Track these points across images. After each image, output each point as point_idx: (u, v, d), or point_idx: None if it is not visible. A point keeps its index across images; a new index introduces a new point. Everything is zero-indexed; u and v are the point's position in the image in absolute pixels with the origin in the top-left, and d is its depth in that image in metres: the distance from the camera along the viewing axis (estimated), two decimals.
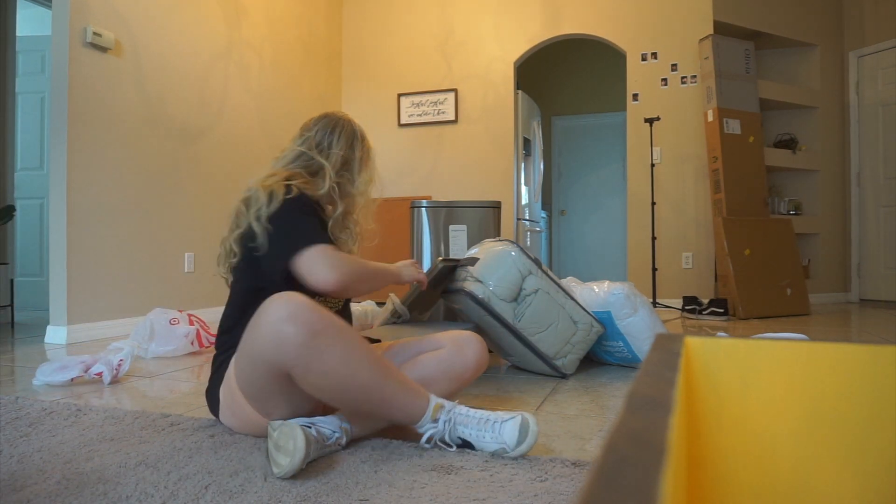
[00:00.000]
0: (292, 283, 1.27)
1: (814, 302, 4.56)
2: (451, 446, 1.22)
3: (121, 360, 1.95)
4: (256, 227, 1.28)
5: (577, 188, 6.81)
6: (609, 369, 2.15)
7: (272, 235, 1.28)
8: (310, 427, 1.15)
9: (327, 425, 1.20)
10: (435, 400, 1.21)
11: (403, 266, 1.52)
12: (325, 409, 1.30)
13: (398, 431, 1.36)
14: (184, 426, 1.40)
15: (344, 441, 1.23)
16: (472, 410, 1.23)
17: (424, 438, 1.20)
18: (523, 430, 1.17)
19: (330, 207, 1.46)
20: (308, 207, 1.34)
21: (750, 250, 3.98)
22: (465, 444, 1.22)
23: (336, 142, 1.47)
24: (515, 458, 1.18)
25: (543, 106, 6.67)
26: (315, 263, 1.24)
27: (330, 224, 1.44)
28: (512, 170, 4.78)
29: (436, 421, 1.20)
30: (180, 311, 2.58)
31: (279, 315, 1.08)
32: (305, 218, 1.31)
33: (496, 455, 1.19)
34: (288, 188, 1.31)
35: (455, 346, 1.38)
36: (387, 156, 5.02)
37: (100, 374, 1.90)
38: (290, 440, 1.06)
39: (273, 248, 1.28)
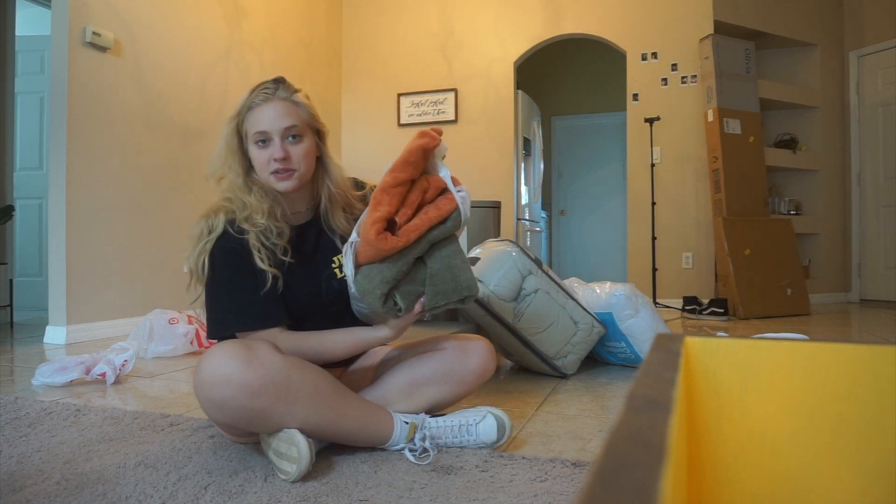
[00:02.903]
0: None
1: (814, 302, 4.56)
2: (430, 455, 1.20)
3: (125, 360, 1.95)
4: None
5: (577, 188, 6.81)
6: (610, 369, 2.15)
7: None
8: None
9: None
10: (402, 420, 1.19)
11: (378, 328, 1.22)
12: None
13: None
14: (183, 426, 1.40)
15: None
16: (442, 419, 1.23)
17: (408, 453, 1.18)
18: (500, 427, 1.23)
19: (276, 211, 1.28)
20: (224, 272, 1.19)
21: (750, 250, 3.98)
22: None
23: (219, 147, 1.26)
24: (513, 448, 1.19)
25: (543, 106, 6.67)
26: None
27: (323, 223, 1.33)
28: (512, 170, 4.78)
29: (412, 441, 1.19)
30: (180, 312, 2.58)
31: (213, 377, 1.02)
32: (217, 301, 1.19)
33: (495, 450, 1.23)
34: (212, 250, 1.19)
35: (458, 350, 1.30)
36: (387, 156, 5.00)
37: (103, 374, 1.90)
38: (292, 447, 1.06)
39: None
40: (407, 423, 1.20)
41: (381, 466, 1.13)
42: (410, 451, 1.18)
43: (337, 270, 1.30)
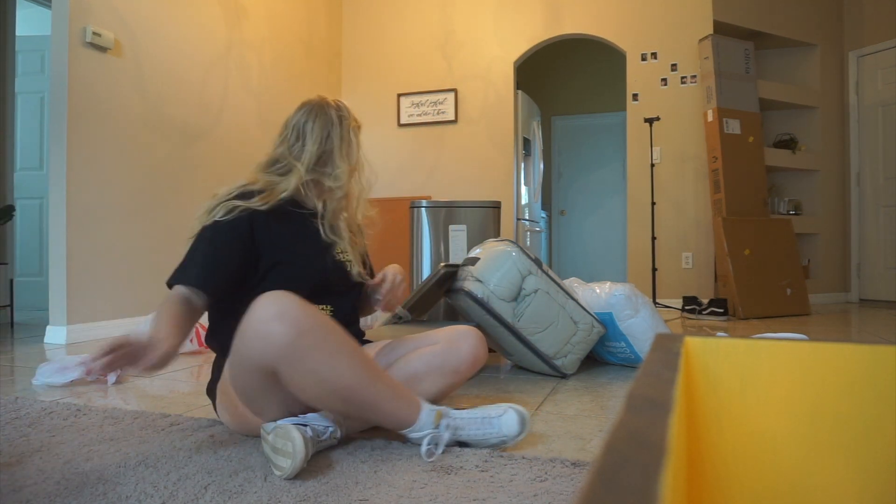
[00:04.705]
0: (275, 285, 1.24)
1: (814, 302, 4.56)
2: (440, 448, 1.20)
3: None
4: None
5: (577, 188, 6.81)
6: (610, 369, 2.15)
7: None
8: (304, 426, 1.15)
9: (320, 421, 1.20)
10: (429, 406, 1.20)
11: (149, 338, 1.09)
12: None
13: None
14: (183, 426, 1.40)
15: (339, 434, 1.23)
16: (466, 412, 1.24)
17: (425, 444, 1.17)
18: (521, 421, 1.21)
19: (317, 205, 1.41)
20: (218, 238, 1.27)
21: (750, 250, 3.98)
22: (460, 444, 1.23)
23: (310, 135, 1.38)
24: (513, 448, 1.20)
25: (543, 106, 6.67)
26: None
27: (324, 229, 1.40)
28: (512, 170, 4.78)
29: (437, 428, 1.19)
30: None
31: (267, 313, 1.07)
32: (195, 251, 1.27)
33: (495, 450, 1.21)
34: (229, 210, 1.28)
35: (450, 341, 1.35)
36: (387, 156, 5.02)
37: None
38: (288, 442, 1.06)
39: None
40: (434, 409, 1.20)
41: (380, 466, 1.13)
42: (427, 443, 1.17)
43: (341, 255, 1.41)
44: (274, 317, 1.06)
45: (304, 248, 1.36)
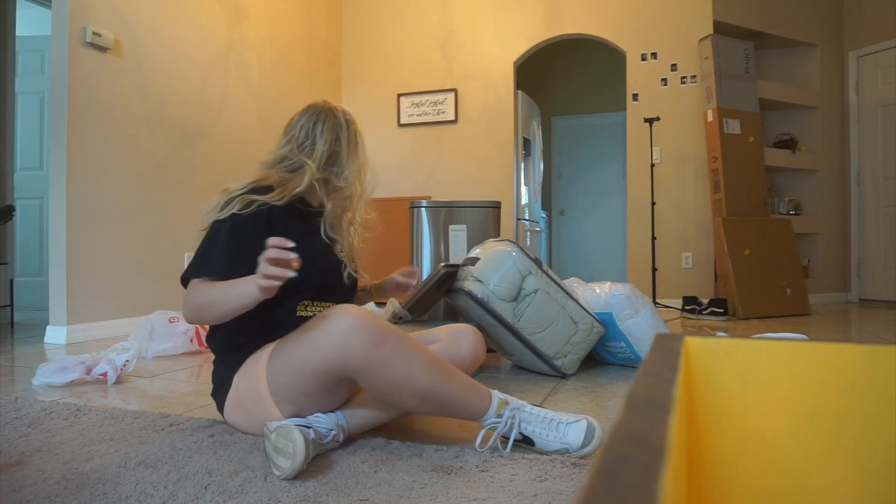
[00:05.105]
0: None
1: (814, 302, 4.56)
2: (505, 446, 1.21)
3: (126, 360, 1.95)
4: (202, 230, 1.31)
5: (577, 188, 6.81)
6: (610, 369, 2.15)
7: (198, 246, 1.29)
8: (308, 428, 1.15)
9: (324, 424, 1.20)
10: (499, 396, 1.23)
11: (249, 282, 1.13)
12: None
13: (398, 432, 1.36)
14: (184, 426, 1.40)
15: (341, 438, 1.23)
16: (537, 409, 1.24)
17: (481, 435, 1.21)
18: (589, 433, 1.19)
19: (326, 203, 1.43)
20: (239, 231, 1.26)
21: (750, 250, 3.98)
22: (525, 441, 1.22)
23: (320, 136, 1.41)
24: (579, 458, 1.18)
25: (543, 106, 6.67)
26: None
27: (324, 226, 1.42)
28: (512, 170, 4.78)
29: (500, 416, 1.20)
30: (180, 313, 2.58)
31: (346, 327, 1.12)
32: (215, 244, 1.25)
33: (556, 454, 1.19)
34: (247, 204, 1.27)
35: (450, 340, 1.40)
36: (387, 156, 5.02)
37: (104, 374, 1.90)
38: (289, 443, 1.07)
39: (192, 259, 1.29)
40: (500, 398, 1.22)
41: (381, 466, 1.13)
42: (489, 428, 1.20)
43: (340, 254, 1.45)
44: (353, 330, 1.12)
45: (313, 246, 1.37)
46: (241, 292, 1.12)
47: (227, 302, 1.14)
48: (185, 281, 1.27)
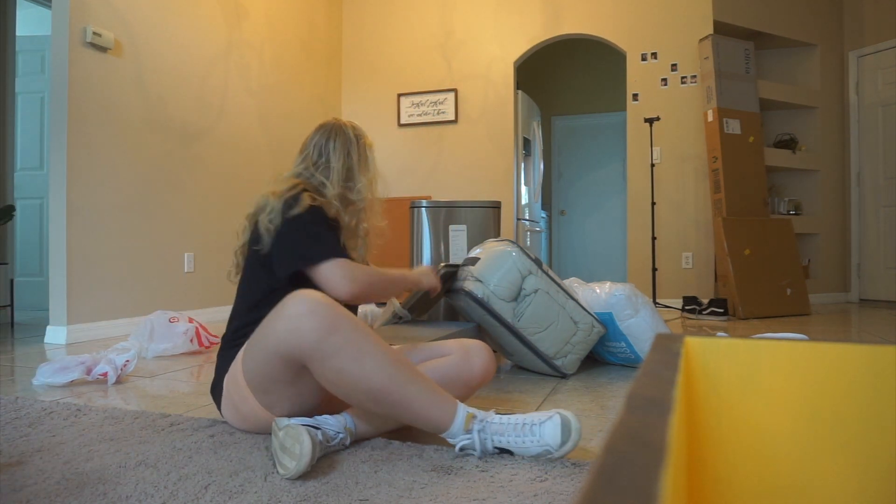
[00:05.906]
0: (303, 285, 1.27)
1: (814, 302, 4.56)
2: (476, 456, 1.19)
3: (127, 360, 1.95)
4: (267, 230, 1.31)
5: (577, 188, 6.81)
6: (610, 369, 2.15)
7: (287, 239, 1.30)
8: (316, 429, 1.16)
9: (332, 426, 1.21)
10: (465, 410, 1.18)
11: (422, 274, 1.53)
12: (330, 407, 1.30)
13: (398, 432, 1.36)
14: (184, 426, 1.40)
15: (348, 441, 1.23)
16: (506, 417, 1.19)
17: (458, 448, 1.18)
18: (565, 428, 1.13)
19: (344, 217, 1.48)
20: (326, 219, 1.37)
21: (750, 250, 3.98)
22: (504, 451, 1.18)
23: (333, 153, 1.48)
24: (559, 459, 1.15)
25: (543, 106, 6.67)
26: (332, 276, 1.28)
27: (342, 235, 1.45)
28: (512, 170, 4.78)
29: (469, 432, 1.16)
30: (180, 314, 2.59)
31: (299, 310, 1.11)
32: (323, 229, 1.34)
33: (537, 458, 1.15)
34: (313, 198, 1.36)
35: (462, 355, 1.38)
36: (387, 156, 5.02)
37: (105, 374, 1.90)
38: (297, 444, 1.06)
39: (287, 253, 1.30)
40: (466, 412, 1.17)
41: (381, 466, 1.13)
42: (459, 449, 1.17)
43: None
44: (306, 313, 1.10)
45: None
46: (414, 280, 1.49)
47: (403, 282, 1.45)
48: (310, 261, 1.30)
